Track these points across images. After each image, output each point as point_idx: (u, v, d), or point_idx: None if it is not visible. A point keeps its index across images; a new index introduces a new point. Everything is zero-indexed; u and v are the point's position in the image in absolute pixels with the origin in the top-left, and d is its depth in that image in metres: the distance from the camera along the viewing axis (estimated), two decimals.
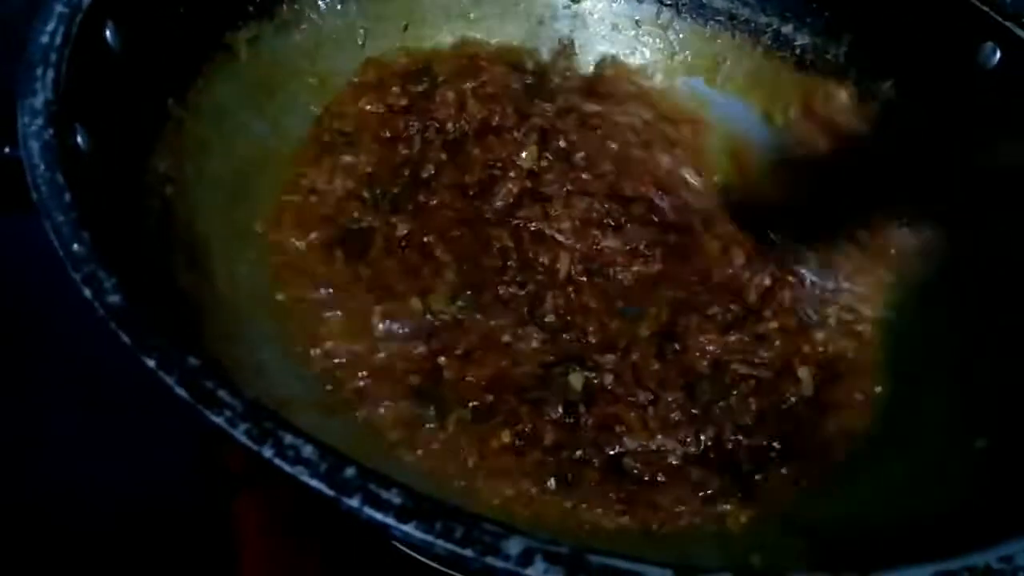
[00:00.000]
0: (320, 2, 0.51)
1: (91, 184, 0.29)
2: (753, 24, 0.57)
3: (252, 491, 0.46)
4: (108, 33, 0.36)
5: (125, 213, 0.33)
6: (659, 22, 0.58)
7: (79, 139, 0.31)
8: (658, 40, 0.59)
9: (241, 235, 0.42)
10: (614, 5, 0.59)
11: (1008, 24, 0.47)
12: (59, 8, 0.34)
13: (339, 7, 0.52)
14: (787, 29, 0.56)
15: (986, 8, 0.48)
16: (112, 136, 0.34)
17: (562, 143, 0.51)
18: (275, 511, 0.45)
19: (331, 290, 0.42)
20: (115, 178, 0.34)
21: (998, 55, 0.47)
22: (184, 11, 0.42)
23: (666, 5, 0.59)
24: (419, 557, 0.32)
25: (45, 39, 0.32)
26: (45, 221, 0.26)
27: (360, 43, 0.53)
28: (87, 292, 0.24)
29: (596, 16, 0.59)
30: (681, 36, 0.58)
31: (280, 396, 0.35)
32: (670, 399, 0.40)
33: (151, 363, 0.23)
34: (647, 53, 0.59)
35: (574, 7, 0.59)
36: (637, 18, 0.59)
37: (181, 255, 0.37)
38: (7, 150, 0.30)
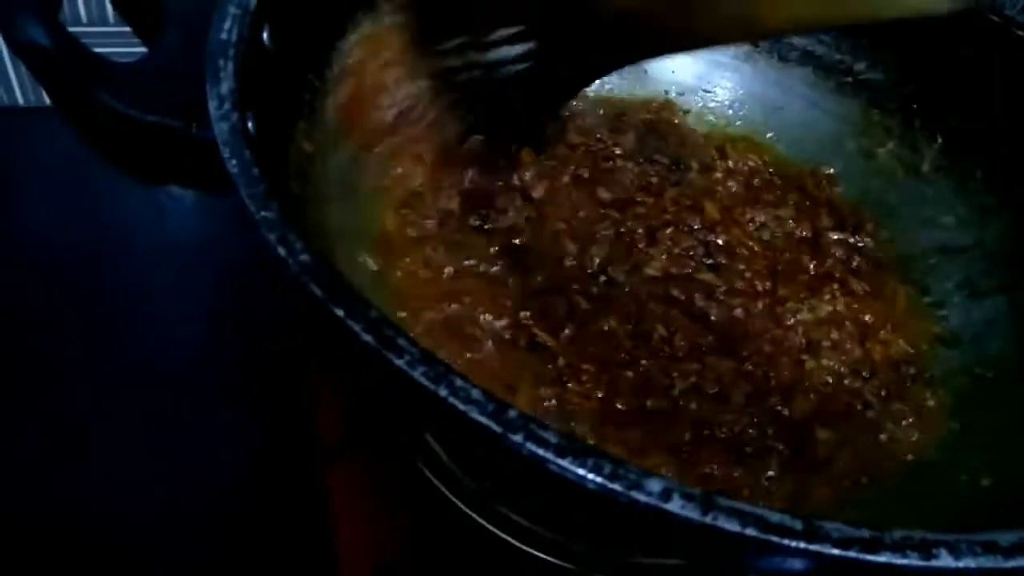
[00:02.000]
0: None
1: (266, 163, 0.33)
2: (826, 61, 0.61)
3: (345, 460, 0.49)
4: (265, 35, 0.41)
5: (284, 192, 0.37)
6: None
7: (250, 124, 0.35)
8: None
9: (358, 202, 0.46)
10: None
11: None
12: (232, 10, 0.38)
13: None
14: (860, 66, 0.60)
15: None
16: (270, 123, 0.38)
17: None
18: (367, 481, 0.48)
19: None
20: (273, 160, 0.38)
21: None
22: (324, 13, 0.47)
23: None
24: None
25: (224, 35, 0.36)
26: (241, 191, 0.30)
27: None
28: (281, 251, 0.28)
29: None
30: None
31: None
32: None
33: (340, 313, 0.26)
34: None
35: None
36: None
37: (315, 213, 0.41)
38: (195, 129, 0.34)
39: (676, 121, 0.60)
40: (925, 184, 0.56)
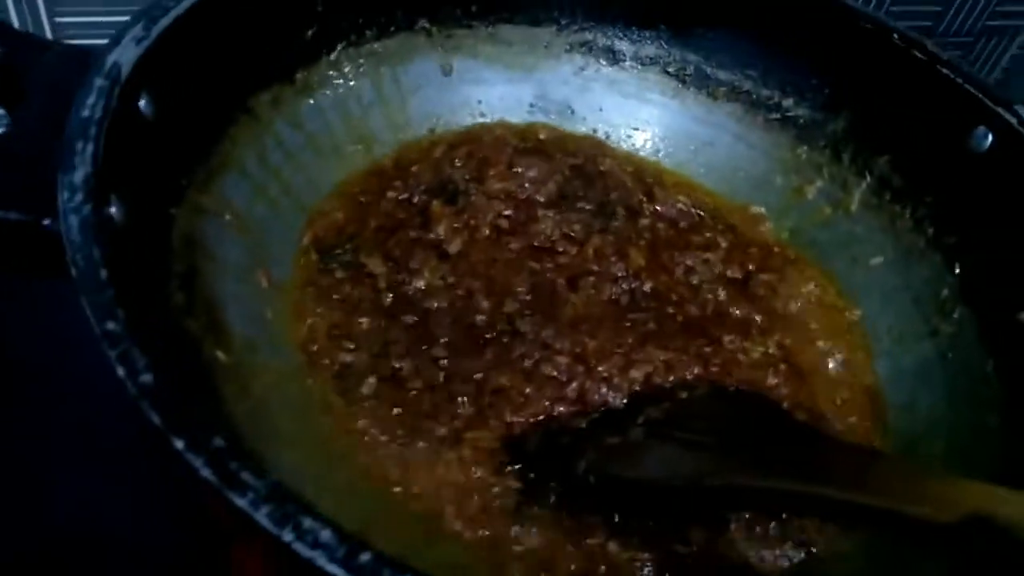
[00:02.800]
0: (344, 67, 0.53)
1: (124, 255, 0.31)
2: (754, 96, 0.59)
3: (248, 539, 0.47)
4: (143, 102, 0.38)
5: (154, 279, 0.35)
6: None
7: (114, 209, 0.33)
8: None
9: (259, 296, 0.43)
10: (619, 74, 0.61)
11: (1000, 110, 0.49)
12: (99, 82, 0.35)
13: (361, 70, 0.55)
14: (788, 102, 0.59)
15: (979, 94, 0.50)
16: (142, 202, 0.36)
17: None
18: (270, 559, 0.46)
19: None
20: (145, 244, 0.35)
21: (990, 139, 0.49)
22: (212, 77, 0.44)
23: (670, 74, 0.61)
24: None
25: (86, 112, 0.34)
26: (82, 298, 0.27)
27: (380, 112, 0.55)
28: (121, 371, 0.25)
29: (599, 84, 0.61)
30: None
31: (296, 459, 0.37)
32: None
33: (179, 444, 0.24)
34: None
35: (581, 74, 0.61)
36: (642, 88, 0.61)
37: (203, 317, 0.38)
38: (46, 222, 0.31)
39: (602, 162, 0.58)
40: (854, 223, 0.55)
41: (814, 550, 0.39)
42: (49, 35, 0.65)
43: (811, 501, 0.33)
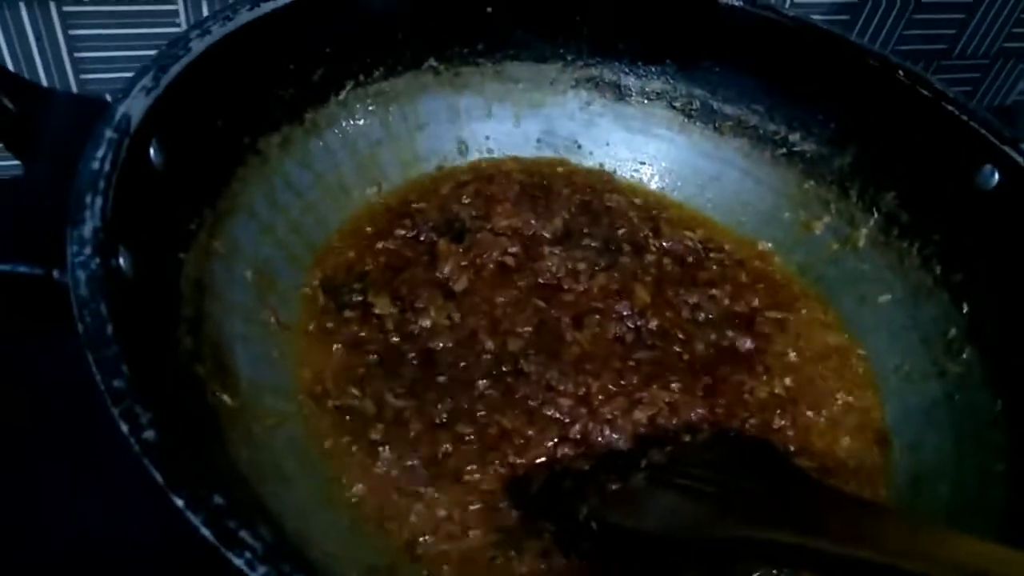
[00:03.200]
0: (353, 107, 0.54)
1: (132, 307, 0.32)
2: (761, 131, 0.60)
3: None
4: (152, 152, 0.39)
5: (162, 326, 0.36)
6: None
7: (122, 261, 0.33)
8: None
9: (266, 337, 0.44)
10: (625, 108, 0.62)
11: (1006, 148, 0.49)
12: (108, 134, 0.36)
13: (369, 109, 0.56)
14: (794, 137, 0.59)
15: (985, 132, 0.50)
16: (152, 250, 0.37)
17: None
18: None
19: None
20: (153, 290, 0.36)
21: (997, 177, 0.49)
22: (221, 122, 0.45)
23: (676, 109, 0.62)
24: None
25: (95, 165, 0.35)
26: (88, 354, 0.28)
27: (388, 151, 0.55)
28: (124, 427, 0.26)
29: (606, 118, 0.62)
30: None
31: (301, 502, 0.37)
32: None
33: (180, 502, 0.24)
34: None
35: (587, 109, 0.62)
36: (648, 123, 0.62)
37: (210, 361, 0.39)
38: (55, 275, 0.32)
39: (609, 198, 0.58)
40: (862, 259, 0.55)
41: None
42: (70, 72, 0.67)
43: (809, 554, 0.32)
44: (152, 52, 0.41)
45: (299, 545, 0.33)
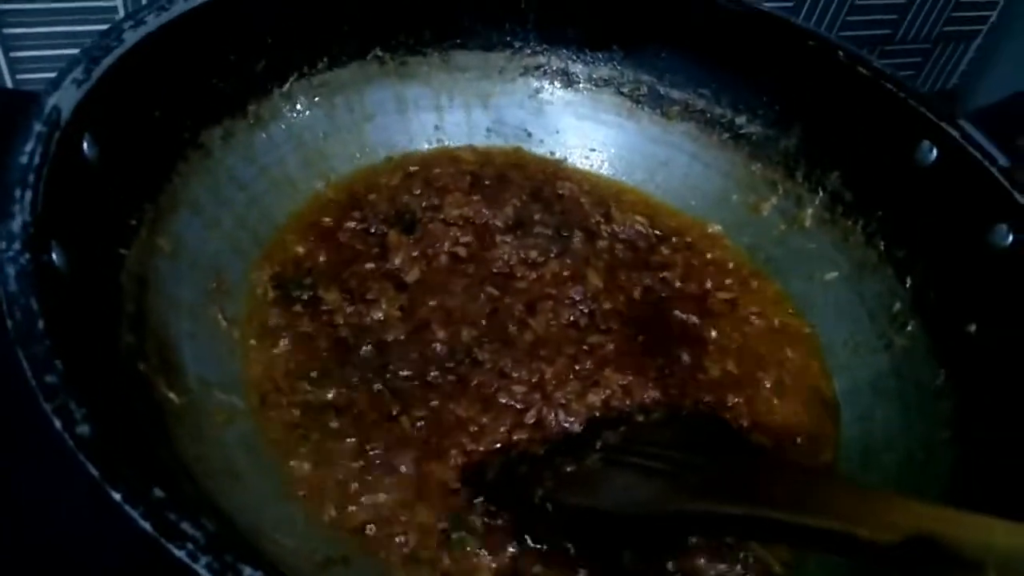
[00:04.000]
0: (297, 98, 0.53)
1: (66, 302, 0.31)
2: (708, 115, 0.60)
3: None
4: (85, 145, 0.38)
5: (101, 323, 0.35)
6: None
7: (55, 256, 0.32)
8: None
9: (213, 334, 0.43)
10: (574, 96, 0.62)
11: (943, 124, 0.50)
12: (37, 127, 0.35)
13: (315, 100, 0.55)
14: (740, 120, 0.60)
15: (923, 108, 0.51)
16: (88, 246, 0.36)
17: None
18: None
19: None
20: (91, 286, 0.35)
21: (935, 153, 0.50)
22: (159, 114, 0.44)
23: (624, 95, 0.62)
24: None
25: (24, 159, 0.34)
26: (18, 350, 0.27)
27: (335, 142, 0.55)
28: (57, 423, 0.25)
29: (555, 106, 0.62)
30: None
31: (253, 497, 0.36)
32: None
33: (117, 496, 0.24)
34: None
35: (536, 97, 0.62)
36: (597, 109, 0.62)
37: (154, 357, 0.38)
38: None
39: (560, 185, 0.58)
40: (808, 238, 0.56)
41: (773, 571, 0.40)
42: (5, 71, 0.65)
43: (758, 524, 0.33)
44: None
45: (252, 539, 0.33)
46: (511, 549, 0.39)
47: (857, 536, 0.30)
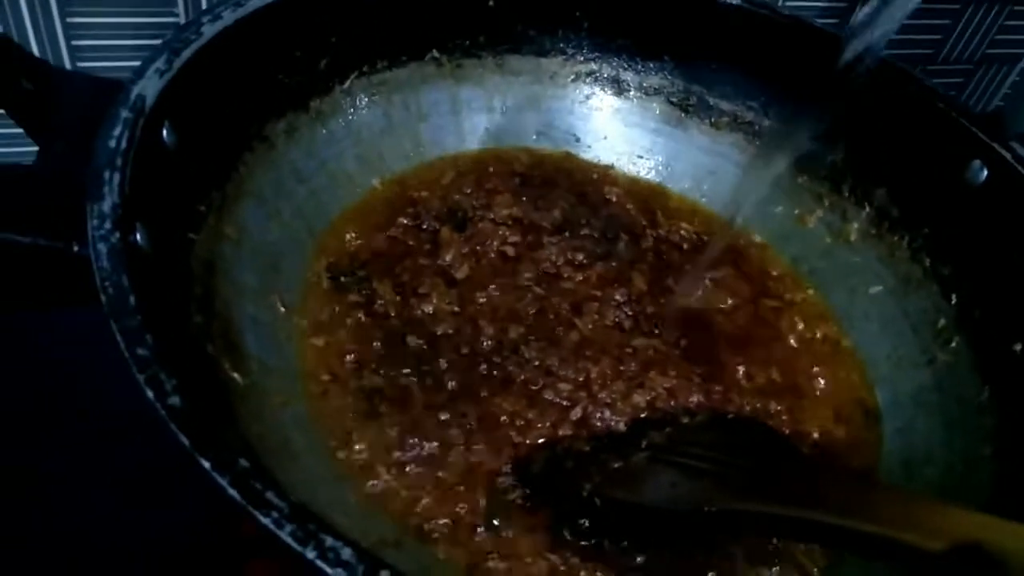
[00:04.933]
0: (357, 96, 0.55)
1: (151, 281, 0.32)
2: (756, 127, 0.61)
3: (264, 556, 0.48)
4: (165, 132, 0.39)
5: (176, 303, 0.36)
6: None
7: (139, 237, 0.34)
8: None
9: (272, 319, 0.44)
10: (624, 103, 0.63)
11: (995, 145, 0.50)
12: (124, 114, 0.37)
13: (373, 99, 0.56)
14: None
15: (975, 129, 0.51)
16: (164, 229, 0.37)
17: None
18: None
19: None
20: (167, 268, 0.37)
21: (985, 173, 0.50)
22: (230, 107, 0.46)
23: (673, 104, 0.63)
24: None
25: (112, 143, 0.35)
26: (112, 323, 0.28)
27: (391, 140, 0.56)
28: (150, 393, 0.26)
29: (604, 112, 0.63)
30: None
31: (309, 476, 0.38)
32: None
33: (207, 464, 0.25)
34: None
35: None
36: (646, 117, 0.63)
37: (220, 339, 0.39)
38: (76, 248, 0.32)
39: (607, 190, 0.59)
40: (853, 252, 0.56)
41: (812, 574, 0.41)
42: (66, 58, 0.67)
43: (804, 526, 0.34)
44: (149, 41, 0.42)
45: None
46: (549, 541, 0.40)
47: (903, 541, 0.30)
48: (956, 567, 0.30)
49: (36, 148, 0.41)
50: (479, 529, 0.40)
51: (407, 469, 0.42)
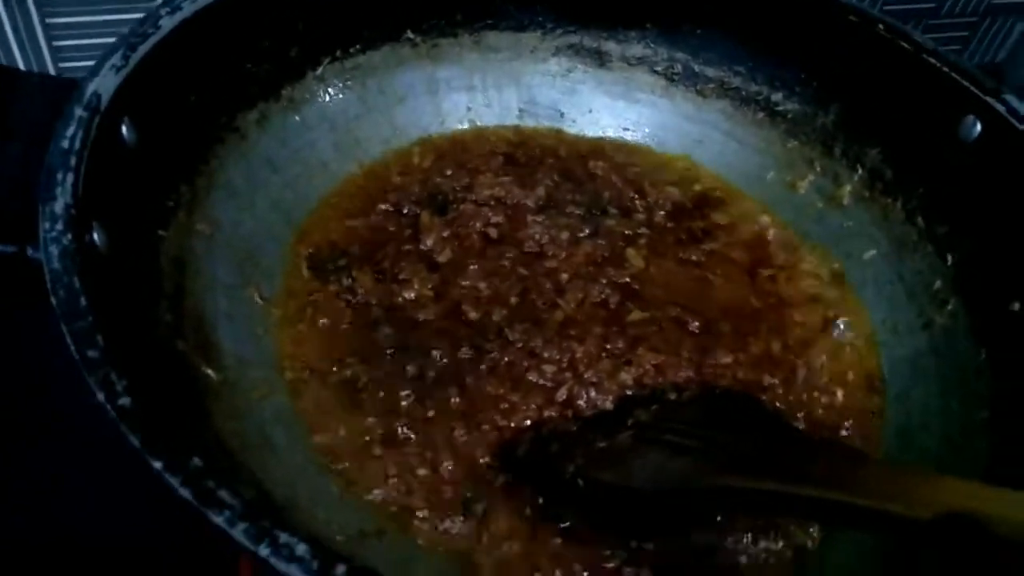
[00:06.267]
0: (331, 81, 0.54)
1: (107, 281, 0.32)
2: (743, 92, 0.59)
3: None
4: (124, 129, 0.39)
5: (141, 302, 0.36)
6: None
7: (96, 236, 0.33)
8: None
9: (250, 313, 0.44)
10: (607, 75, 0.62)
11: (988, 99, 0.49)
12: (79, 112, 0.36)
13: (347, 83, 0.55)
14: (776, 97, 0.59)
15: (966, 83, 0.49)
16: (128, 227, 0.37)
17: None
18: None
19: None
20: (131, 266, 0.36)
21: (979, 128, 0.49)
22: (195, 99, 0.45)
23: (658, 73, 0.61)
24: None
25: (65, 144, 0.35)
26: (63, 325, 0.28)
27: (367, 125, 0.55)
28: (100, 395, 0.26)
29: (587, 85, 0.62)
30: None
31: (289, 470, 0.37)
32: None
33: (157, 465, 0.25)
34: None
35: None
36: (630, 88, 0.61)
37: (192, 336, 0.39)
38: (29, 251, 0.32)
39: (592, 164, 0.58)
40: (846, 216, 0.55)
41: (807, 546, 0.40)
42: (48, 60, 0.67)
43: (793, 501, 0.33)
44: None
45: (288, 510, 0.34)
46: (533, 526, 0.39)
47: (890, 513, 0.29)
48: (947, 537, 0.29)
49: None
50: (462, 516, 0.40)
51: (389, 458, 0.41)
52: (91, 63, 0.66)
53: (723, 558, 0.39)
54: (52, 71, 0.67)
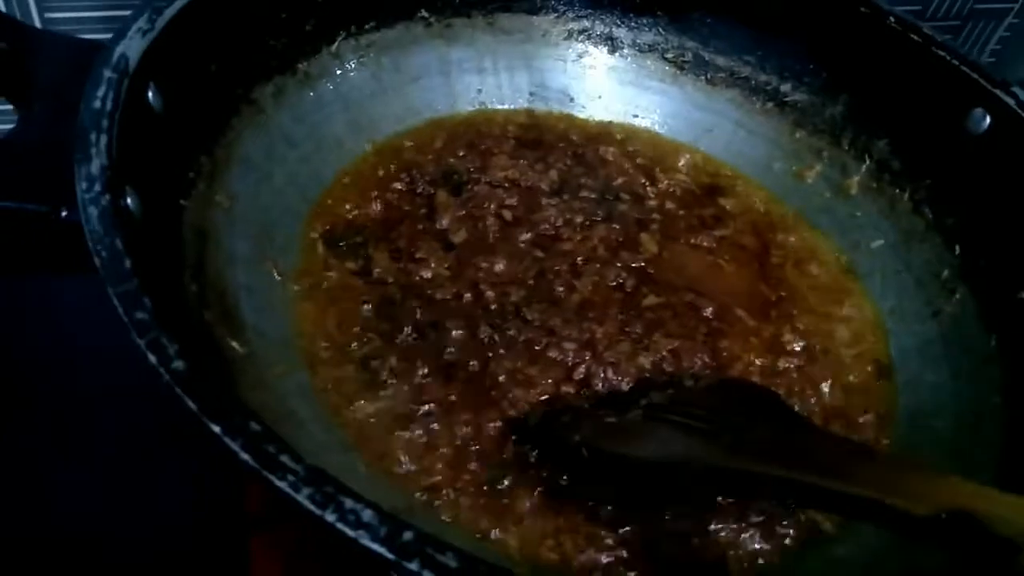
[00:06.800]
0: (346, 58, 0.53)
1: (144, 246, 0.31)
2: (753, 82, 0.60)
3: (268, 531, 0.47)
4: (150, 94, 0.38)
5: (169, 270, 0.35)
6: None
7: (129, 201, 0.32)
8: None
9: (268, 287, 0.43)
10: (618, 61, 0.62)
11: (997, 92, 0.50)
12: (107, 73, 0.35)
13: (362, 60, 0.55)
14: (786, 87, 0.59)
15: (976, 75, 0.50)
16: (155, 193, 0.36)
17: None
18: (290, 551, 0.46)
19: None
20: (159, 236, 0.35)
21: (987, 120, 0.50)
22: (215, 69, 0.44)
23: (668, 60, 0.62)
24: None
25: (97, 104, 0.34)
26: (108, 288, 0.27)
27: (381, 103, 0.55)
28: (152, 358, 0.25)
29: (598, 71, 0.62)
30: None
31: (315, 445, 0.37)
32: None
33: (217, 429, 0.24)
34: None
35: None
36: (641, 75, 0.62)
37: (216, 308, 0.38)
38: (64, 213, 0.31)
39: (603, 150, 0.58)
40: (854, 206, 0.56)
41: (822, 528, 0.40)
42: (35, 12, 0.64)
43: (793, 487, 0.33)
44: (123, 12, 0.40)
45: None
46: (553, 500, 0.39)
47: (890, 505, 0.30)
48: (947, 533, 0.30)
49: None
50: (484, 490, 0.39)
51: (412, 435, 0.41)
52: (76, 14, 0.65)
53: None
54: (37, 21, 0.65)
